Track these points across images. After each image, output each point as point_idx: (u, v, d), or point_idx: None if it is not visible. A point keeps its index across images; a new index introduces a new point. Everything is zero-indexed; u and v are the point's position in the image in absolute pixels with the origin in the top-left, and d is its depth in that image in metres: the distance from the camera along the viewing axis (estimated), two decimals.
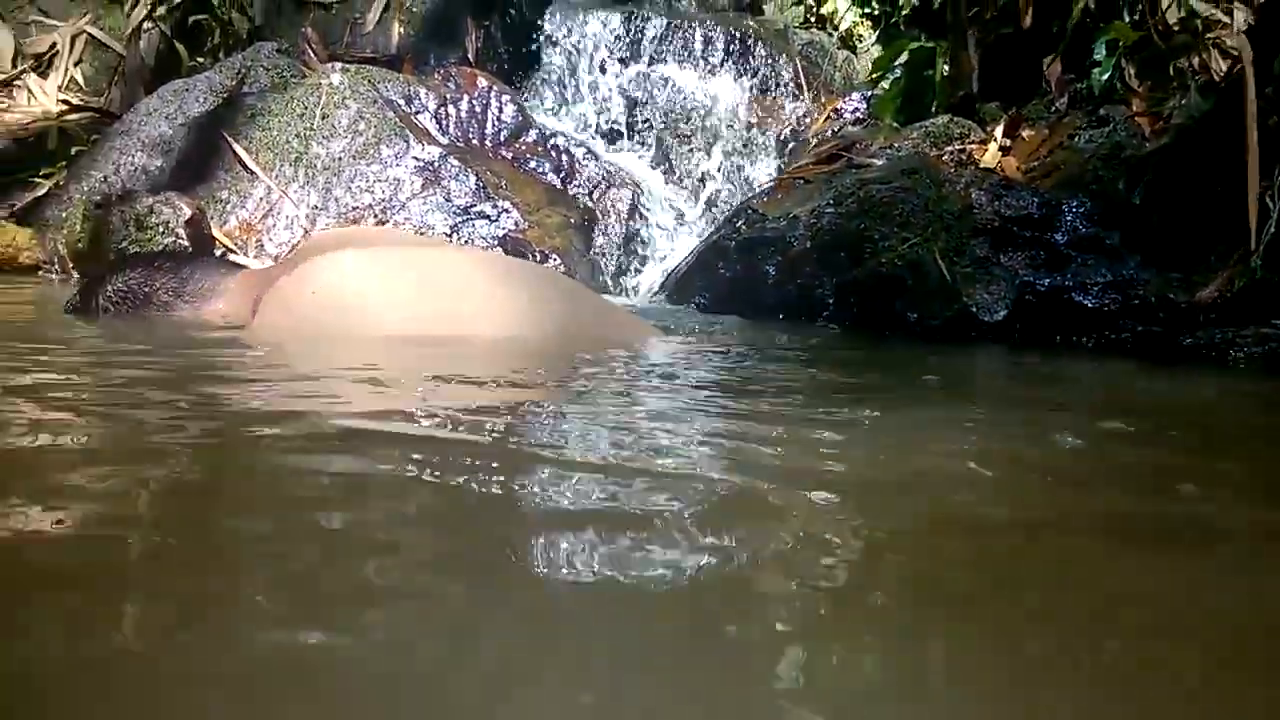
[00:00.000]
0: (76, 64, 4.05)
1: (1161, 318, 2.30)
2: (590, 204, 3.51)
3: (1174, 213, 2.41)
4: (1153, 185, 2.42)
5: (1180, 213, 2.40)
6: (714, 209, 3.79)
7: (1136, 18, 3.01)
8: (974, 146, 2.93)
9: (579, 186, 3.55)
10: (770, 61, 4.58)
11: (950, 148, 2.90)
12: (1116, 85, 2.92)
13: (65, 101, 3.91)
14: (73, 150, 3.51)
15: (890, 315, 2.41)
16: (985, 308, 2.38)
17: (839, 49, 4.93)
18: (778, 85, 4.52)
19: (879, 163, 2.76)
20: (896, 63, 3.43)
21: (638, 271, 3.54)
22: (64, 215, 3.14)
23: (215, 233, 3.02)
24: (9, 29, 4.06)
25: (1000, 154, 2.90)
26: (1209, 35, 2.95)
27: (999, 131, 2.96)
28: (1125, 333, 2.34)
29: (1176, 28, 2.94)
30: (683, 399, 1.30)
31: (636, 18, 4.41)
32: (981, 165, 2.82)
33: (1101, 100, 2.86)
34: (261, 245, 3.07)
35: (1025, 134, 2.97)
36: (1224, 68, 2.96)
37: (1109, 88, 2.85)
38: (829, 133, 3.95)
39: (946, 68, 3.38)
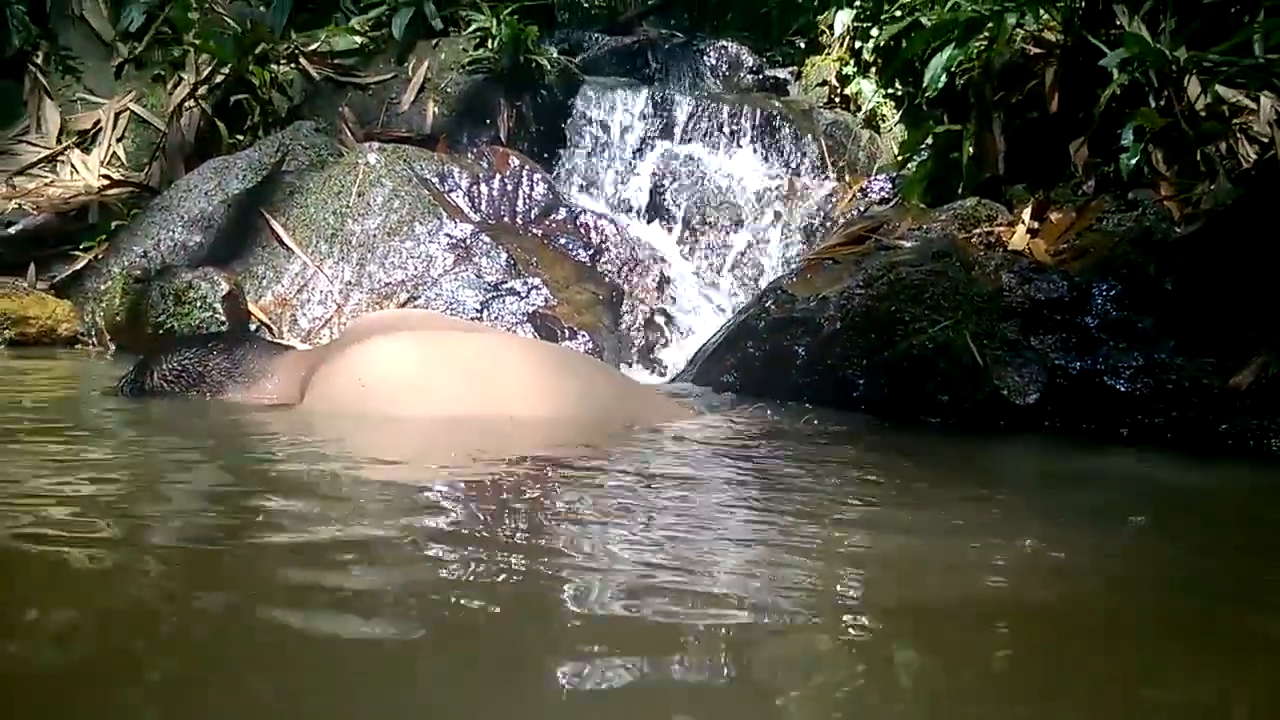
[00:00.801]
0: (119, 140, 4.18)
1: (1196, 404, 2.28)
2: (618, 281, 3.54)
3: (1206, 298, 2.40)
4: (1184, 271, 2.41)
5: (1212, 298, 2.39)
6: (742, 287, 3.82)
7: (1163, 103, 3.05)
8: (1002, 229, 2.95)
9: (608, 264, 3.59)
10: (796, 141, 4.66)
11: (979, 230, 2.92)
12: (1144, 170, 2.94)
13: (107, 176, 4.02)
14: (113, 224, 3.59)
15: (921, 397, 2.40)
16: (1017, 391, 2.37)
17: (863, 129, 5.01)
18: (804, 165, 4.60)
19: (908, 245, 2.78)
20: (922, 145, 3.47)
21: (665, 346, 3.56)
22: (103, 288, 3.21)
23: (251, 307, 3.07)
24: (56, 106, 4.20)
25: (1029, 236, 2.91)
26: (1236, 121, 2.98)
27: (1027, 214, 2.97)
28: (1159, 418, 2.31)
29: (1203, 114, 2.97)
30: (712, 496, 1.29)
31: (665, 98, 4.52)
32: (1010, 248, 2.83)
33: (1129, 184, 2.87)
34: (295, 320, 3.11)
35: (1053, 217, 2.98)
36: (1252, 154, 2.98)
37: (1137, 172, 2.87)
38: (855, 212, 3.99)
39: (972, 149, 3.42)
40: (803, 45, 6.99)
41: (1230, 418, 2.24)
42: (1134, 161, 2.84)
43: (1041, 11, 3.36)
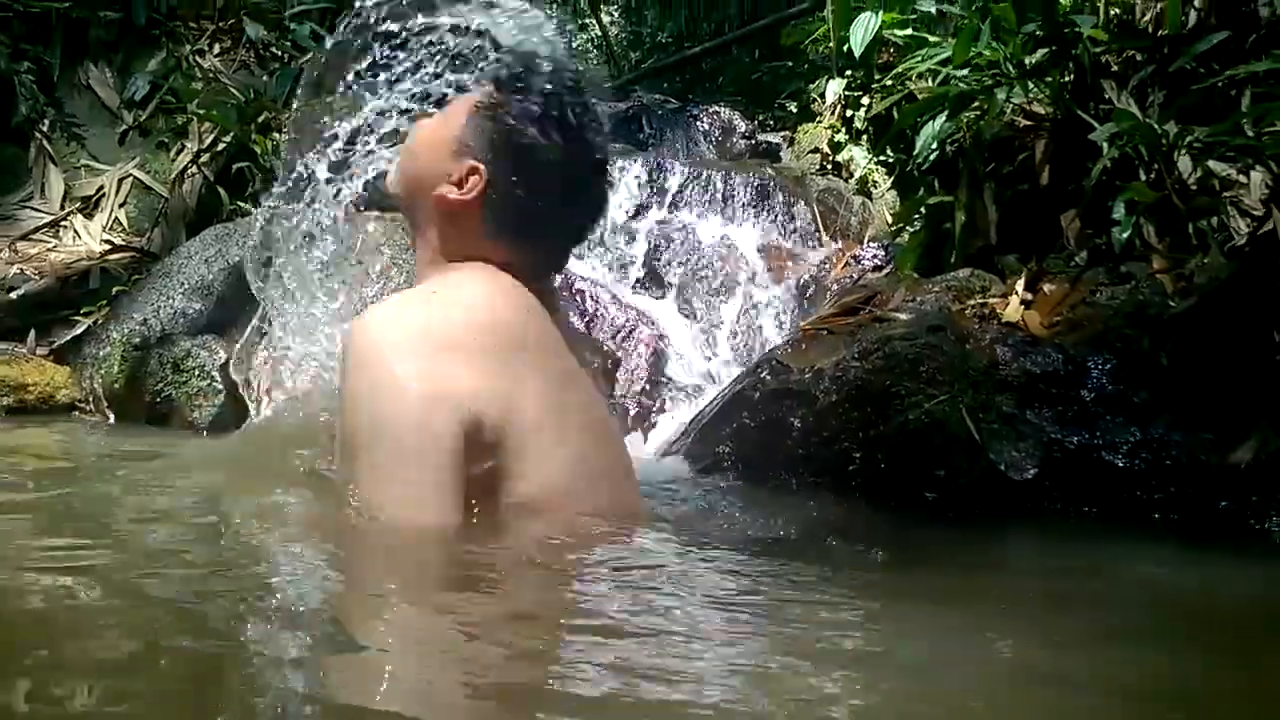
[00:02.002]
0: (121, 206, 4.22)
1: (1195, 480, 2.28)
2: (613, 348, 3.56)
3: (1202, 374, 2.41)
4: (1179, 347, 2.43)
5: (1209, 374, 2.41)
6: (736, 354, 3.83)
7: (1153, 177, 3.10)
8: (996, 300, 2.97)
9: (603, 331, 3.61)
10: (789, 208, 4.71)
11: (972, 301, 2.94)
12: (1136, 243, 2.97)
13: (109, 242, 4.05)
14: (114, 290, 3.61)
15: (919, 472, 2.39)
16: (1014, 465, 2.36)
17: (856, 195, 5.08)
18: (796, 231, 4.64)
19: (902, 317, 2.80)
20: (915, 216, 3.52)
21: (661, 413, 3.56)
22: (102, 354, 3.21)
23: (249, 374, 3.07)
24: (61, 172, 4.25)
25: (1023, 308, 2.93)
26: (1227, 194, 3.03)
27: (1020, 286, 3.00)
28: (1159, 494, 2.31)
29: (1194, 187, 3.02)
30: (698, 593, 1.26)
31: (658, 166, 4.58)
32: (1005, 320, 2.85)
33: (1122, 257, 2.91)
34: (294, 386, 3.10)
35: (1047, 288, 3.00)
36: (1244, 227, 3.02)
37: (1129, 245, 2.91)
38: (849, 279, 4.02)
39: (964, 219, 3.46)
40: (794, 109, 7.14)
41: (1230, 495, 2.24)
42: (1126, 235, 2.87)
43: (1031, 85, 3.43)
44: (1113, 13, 3.82)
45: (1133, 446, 2.37)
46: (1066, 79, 3.31)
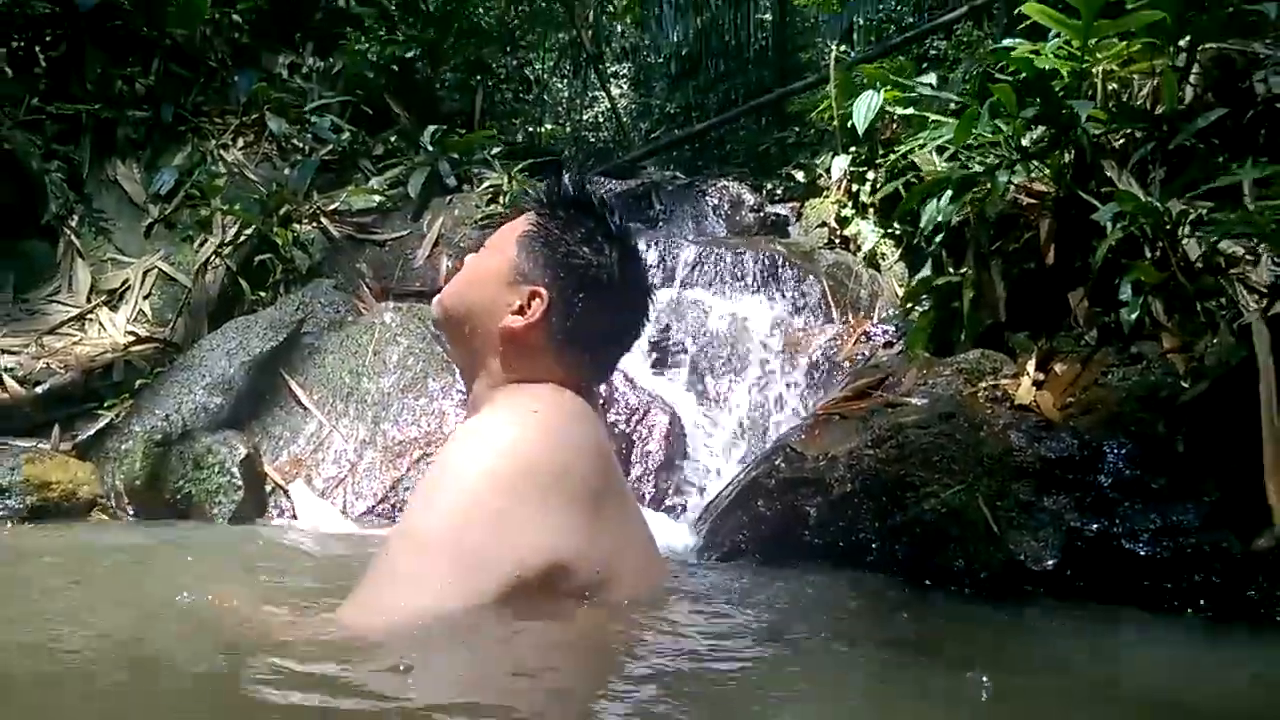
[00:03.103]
0: (146, 297, 4.32)
1: (1218, 569, 2.26)
2: (627, 431, 3.58)
3: (1220, 460, 2.40)
4: (1193, 433, 2.43)
5: (1226, 460, 2.40)
6: (749, 435, 3.84)
7: (1158, 254, 3.13)
8: (1007, 382, 2.98)
9: (617, 414, 3.63)
10: (798, 283, 4.77)
11: (984, 384, 2.95)
12: (1145, 321, 2.99)
13: (133, 333, 4.14)
14: (137, 383, 3.68)
15: (937, 564, 2.38)
16: (1033, 556, 2.35)
17: (864, 268, 5.14)
18: (806, 306, 4.69)
19: (915, 401, 2.81)
20: (923, 295, 3.55)
21: (675, 495, 3.56)
22: (124, 448, 3.25)
23: (267, 469, 3.11)
24: (88, 266, 4.36)
25: (1034, 389, 2.94)
26: (1233, 271, 3.05)
27: (1031, 366, 3.01)
28: (1183, 582, 2.29)
29: (1199, 265, 3.04)
30: (726, 676, 1.28)
31: (669, 245, 4.66)
32: (1017, 402, 2.86)
33: (1132, 337, 2.92)
34: (310, 480, 3.14)
35: (1058, 368, 3.02)
36: (1252, 304, 3.04)
37: (1138, 325, 2.92)
38: (860, 356, 4.05)
39: (971, 296, 3.49)
40: (801, 179, 7.26)
41: (1255, 582, 2.21)
42: (1134, 316, 2.89)
43: (1032, 165, 3.49)
44: (1110, 87, 3.91)
45: (1153, 534, 2.35)
46: (1066, 159, 3.37)
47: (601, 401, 3.72)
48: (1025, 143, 3.67)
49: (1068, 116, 3.24)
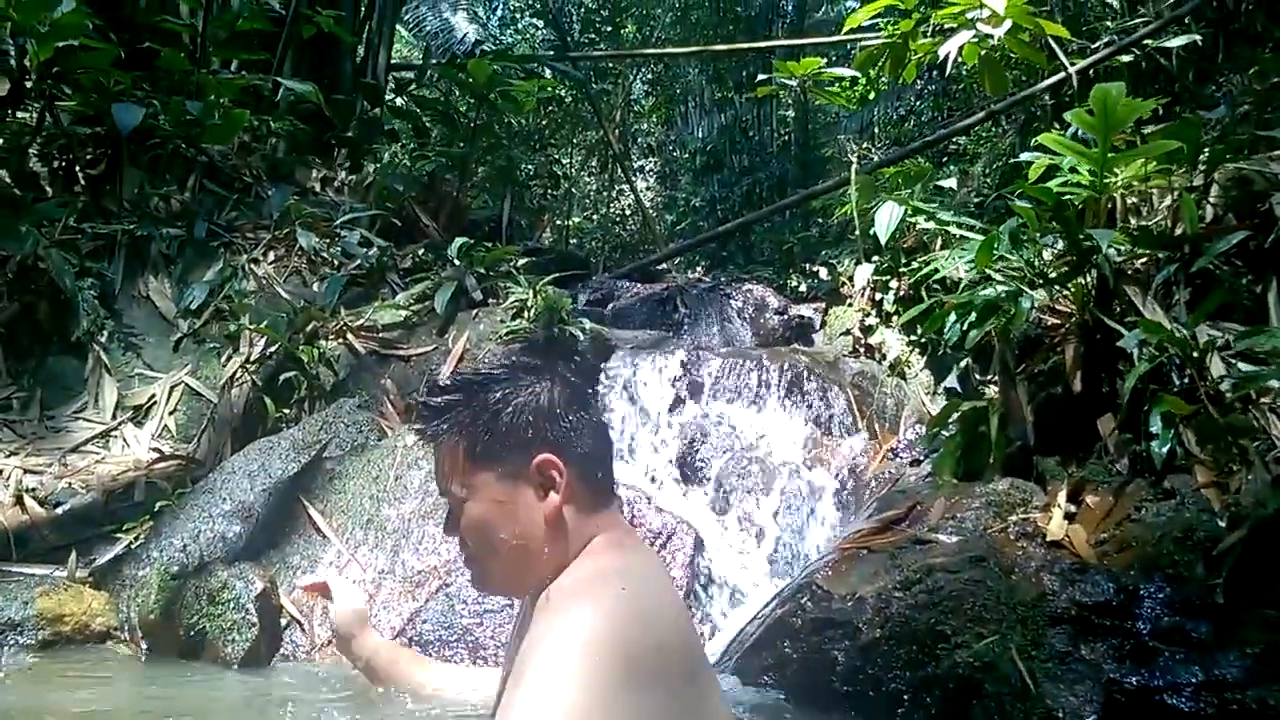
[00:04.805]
0: (171, 413, 4.35)
1: None
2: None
3: (1262, 607, 2.31)
4: (1234, 581, 2.34)
5: (1268, 606, 2.31)
6: (777, 555, 3.76)
7: (1187, 381, 3.08)
8: (1038, 515, 2.91)
9: (641, 537, 3.57)
10: (823, 394, 4.74)
11: (1014, 517, 2.88)
12: (1178, 451, 2.92)
13: (156, 450, 4.15)
14: (157, 505, 3.67)
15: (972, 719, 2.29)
16: (1071, 712, 2.25)
17: (889, 376, 5.10)
18: (831, 418, 4.65)
19: (944, 539, 2.74)
20: (950, 421, 3.51)
21: (700, 623, 3.47)
22: (140, 575, 3.23)
23: (284, 601, 3.07)
24: (115, 382, 4.41)
25: (1066, 523, 2.87)
26: (1264, 401, 2.98)
27: (1062, 498, 2.94)
28: None
29: (1229, 393, 2.98)
30: None
31: (694, 358, 4.65)
32: (1049, 538, 2.78)
33: (1164, 470, 2.85)
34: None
35: (1089, 500, 2.94)
36: None
37: (1169, 458, 2.86)
38: (886, 475, 3.98)
39: (998, 422, 3.44)
40: (825, 275, 7.29)
41: None
42: (1165, 449, 2.83)
43: (1055, 289, 3.48)
44: (1129, 201, 3.91)
45: (1196, 688, 2.25)
46: (1088, 283, 3.35)
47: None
48: (1046, 258, 3.67)
49: (1088, 244, 3.23)
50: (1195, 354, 3.02)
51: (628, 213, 15.70)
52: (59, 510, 3.72)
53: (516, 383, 1.50)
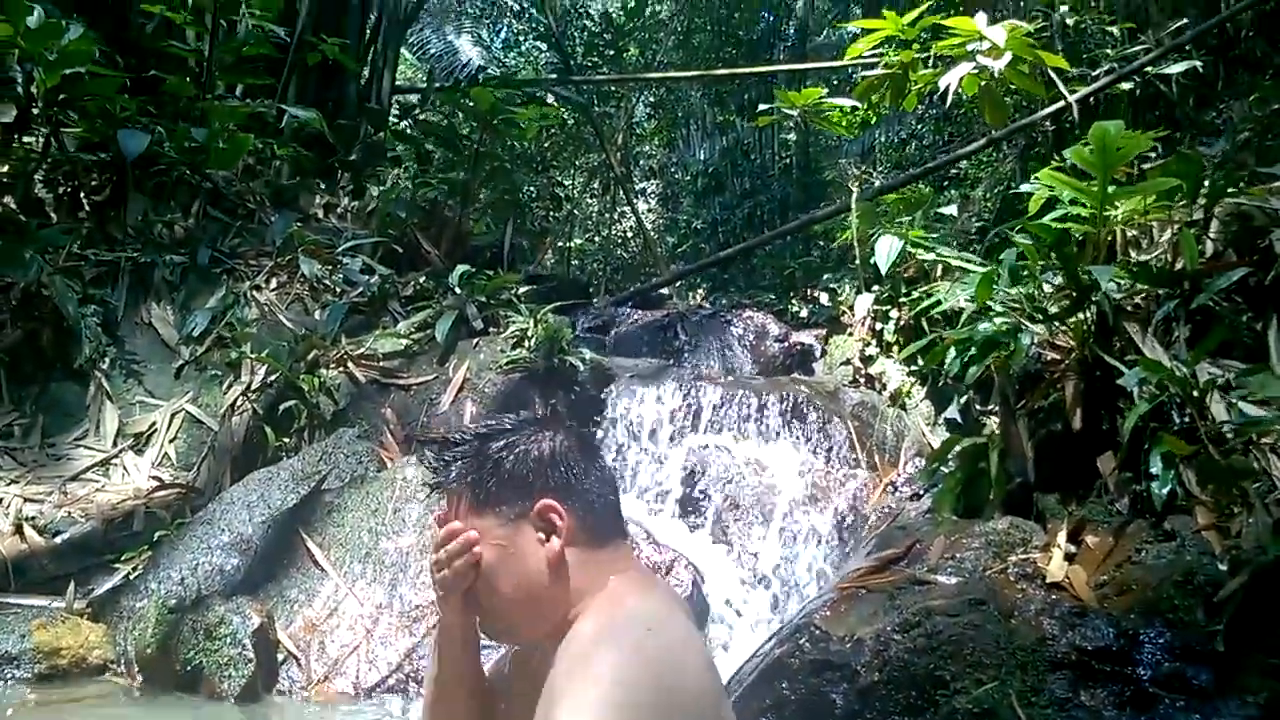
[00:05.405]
0: (171, 440, 4.35)
1: None
2: None
3: (1263, 653, 2.30)
4: (1235, 628, 2.33)
5: (1270, 653, 2.30)
6: (776, 588, 3.75)
7: (1187, 420, 3.07)
8: (1038, 555, 2.90)
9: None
10: (823, 425, 4.73)
11: (1014, 557, 2.87)
12: (1178, 491, 2.92)
13: (156, 478, 4.15)
14: (156, 535, 3.67)
15: None
16: None
17: (889, 406, 5.09)
18: (831, 449, 4.64)
19: (943, 580, 2.73)
20: (950, 456, 3.51)
21: None
22: (138, 607, 3.22)
23: (281, 635, 3.06)
24: (116, 409, 4.42)
25: (1066, 563, 2.86)
26: (1265, 441, 2.98)
27: (1062, 537, 2.93)
28: None
29: (1229, 434, 2.98)
30: None
31: (693, 389, 4.65)
32: (1049, 579, 2.77)
33: (1164, 511, 2.84)
34: (324, 647, 3.08)
35: (1089, 540, 2.93)
36: None
37: (1170, 498, 2.85)
38: (886, 509, 3.98)
39: (998, 459, 3.43)
40: (826, 301, 7.30)
41: None
42: (1165, 491, 2.82)
43: (1054, 325, 3.48)
44: (1129, 234, 3.92)
45: None
46: (1088, 319, 3.35)
47: None
48: (1047, 290, 3.67)
49: (1088, 280, 3.24)
50: (1195, 393, 3.02)
51: (629, 234, 15.75)
52: (58, 539, 3.72)
53: (520, 432, 1.51)
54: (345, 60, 6.36)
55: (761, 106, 6.12)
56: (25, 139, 5.17)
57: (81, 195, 5.13)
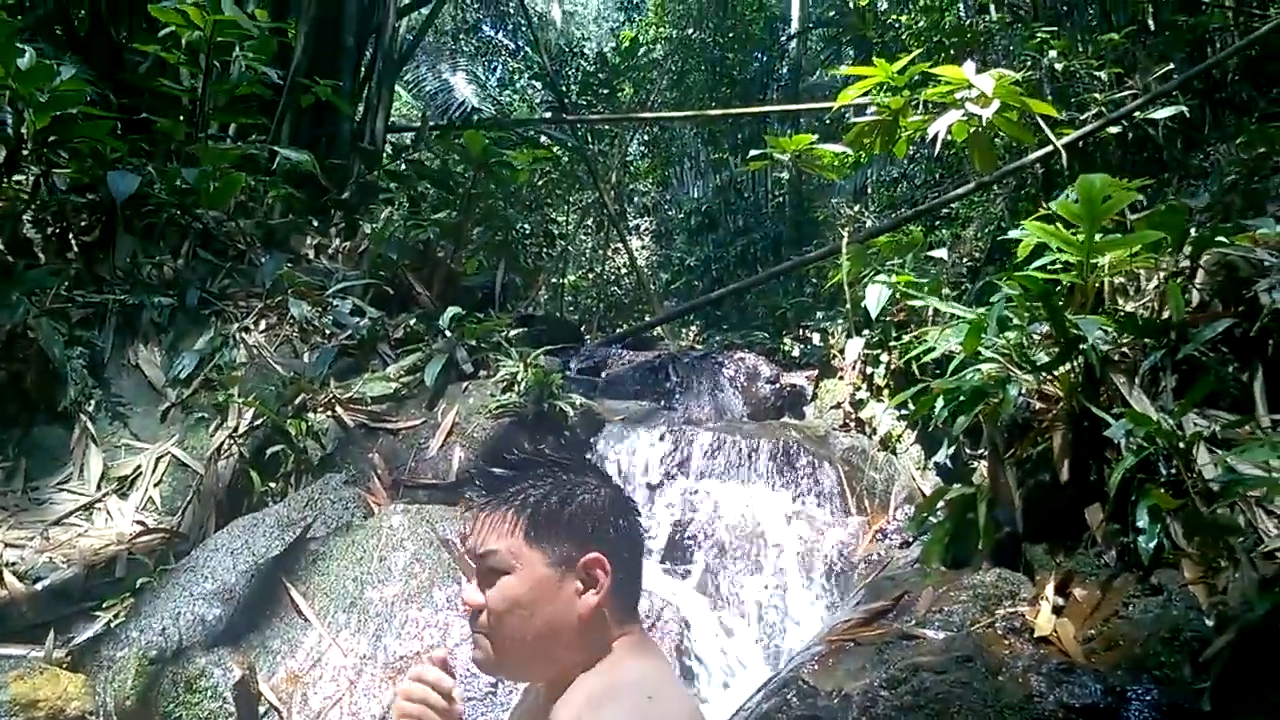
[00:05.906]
0: (156, 485, 4.31)
1: None
2: None
3: (1250, 717, 2.28)
4: (1221, 686, 2.32)
5: (1257, 717, 2.28)
6: (764, 636, 3.72)
7: (1174, 472, 3.07)
8: (1025, 609, 2.89)
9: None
10: (813, 470, 4.72)
11: (1001, 611, 2.86)
12: (1165, 544, 2.91)
13: (140, 523, 4.10)
14: (138, 582, 3.62)
15: None
16: None
17: (879, 451, 5.09)
18: (821, 493, 4.63)
19: (930, 635, 2.72)
20: (939, 507, 3.50)
21: None
22: (118, 656, 3.17)
23: (263, 687, 3.02)
24: (101, 453, 4.38)
25: (1054, 617, 2.85)
26: (1252, 495, 2.98)
27: (1050, 590, 2.92)
28: None
29: (1216, 487, 2.97)
30: None
31: (683, 434, 4.65)
32: (1037, 633, 2.76)
33: (1152, 565, 2.84)
34: (306, 699, 3.04)
35: (1077, 593, 2.93)
36: (1273, 529, 2.95)
37: (1157, 552, 2.84)
38: (875, 557, 3.96)
39: (986, 510, 3.43)
40: (817, 341, 7.31)
41: None
42: (1152, 545, 2.82)
43: (1042, 375, 3.49)
44: (1116, 281, 3.94)
45: None
46: (1076, 370, 3.36)
47: None
48: (1036, 337, 3.68)
49: (1075, 332, 3.25)
50: (1182, 445, 3.02)
51: (623, 271, 15.81)
52: (39, 586, 3.66)
53: (584, 476, 1.51)
54: (339, 102, 6.41)
55: (753, 152, 6.16)
56: (15, 179, 5.18)
57: (70, 236, 5.12)
